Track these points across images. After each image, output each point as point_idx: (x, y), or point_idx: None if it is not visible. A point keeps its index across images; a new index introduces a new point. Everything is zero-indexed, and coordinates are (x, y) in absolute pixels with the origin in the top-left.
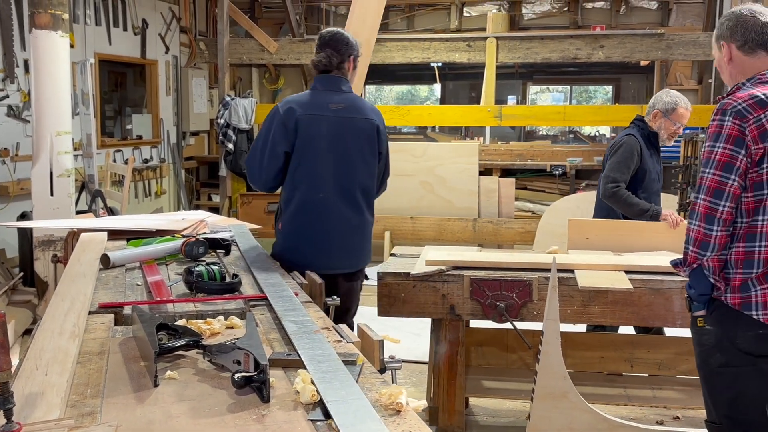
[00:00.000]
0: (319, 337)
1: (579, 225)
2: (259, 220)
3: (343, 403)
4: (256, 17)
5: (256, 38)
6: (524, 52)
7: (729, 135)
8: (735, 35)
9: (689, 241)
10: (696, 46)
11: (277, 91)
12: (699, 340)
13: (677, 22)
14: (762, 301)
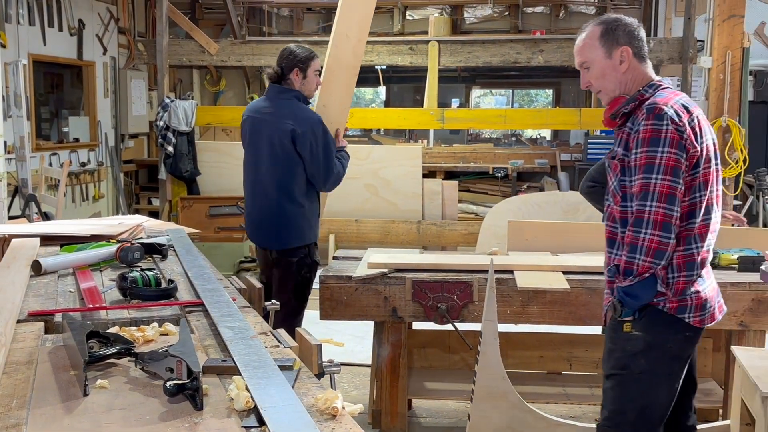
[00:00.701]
0: (255, 342)
1: (518, 226)
2: (200, 224)
3: (278, 410)
4: (196, 18)
5: (196, 39)
6: (466, 55)
7: (672, 139)
8: (633, 41)
9: (639, 250)
10: None
11: (218, 93)
12: (623, 346)
13: None
14: (695, 304)
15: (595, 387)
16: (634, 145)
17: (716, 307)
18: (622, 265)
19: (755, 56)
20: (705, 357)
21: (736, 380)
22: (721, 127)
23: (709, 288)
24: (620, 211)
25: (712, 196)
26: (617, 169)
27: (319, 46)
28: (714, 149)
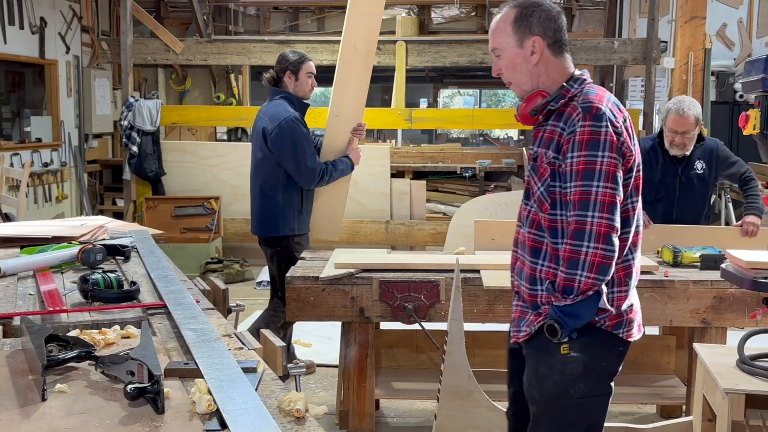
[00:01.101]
0: (218, 345)
1: (485, 226)
2: (166, 225)
3: (241, 413)
4: (161, 17)
5: (161, 38)
6: (433, 55)
7: (611, 143)
8: (548, 32)
9: (582, 266)
10: (597, 51)
11: (184, 92)
12: (561, 370)
13: (580, 27)
14: (629, 318)
15: None
16: (569, 148)
17: (640, 322)
18: (561, 283)
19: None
20: (668, 354)
21: (698, 377)
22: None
23: (636, 299)
24: (549, 220)
25: (636, 205)
26: (546, 173)
27: (286, 45)
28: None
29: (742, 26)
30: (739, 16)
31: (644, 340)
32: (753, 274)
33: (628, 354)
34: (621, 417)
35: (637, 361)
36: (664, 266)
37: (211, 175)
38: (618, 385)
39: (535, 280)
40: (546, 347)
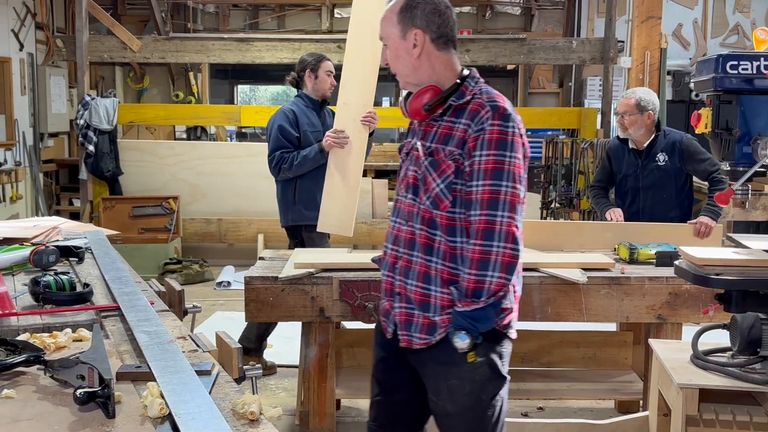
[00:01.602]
0: (172, 347)
1: None
2: (123, 225)
3: (193, 416)
4: (118, 14)
5: (118, 36)
6: None
7: (517, 143)
8: (431, 26)
9: (493, 267)
10: (556, 50)
11: (142, 90)
12: (471, 377)
13: (539, 27)
14: (514, 317)
15: (520, 382)
16: (476, 146)
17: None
18: (470, 286)
19: (673, 57)
20: (625, 350)
21: (654, 372)
22: None
23: (516, 304)
24: (447, 218)
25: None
26: (449, 170)
27: (245, 43)
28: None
29: (697, 26)
30: (695, 17)
31: (602, 336)
32: (705, 271)
33: (586, 350)
34: (579, 413)
35: (594, 357)
36: (620, 263)
37: (169, 175)
38: (576, 381)
39: (430, 279)
40: (452, 358)
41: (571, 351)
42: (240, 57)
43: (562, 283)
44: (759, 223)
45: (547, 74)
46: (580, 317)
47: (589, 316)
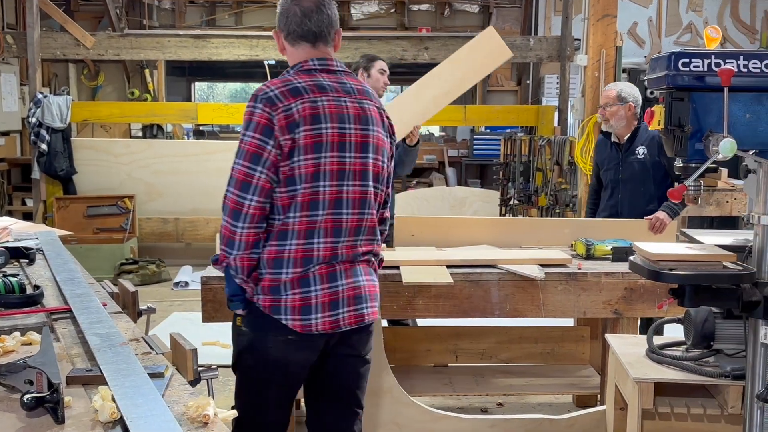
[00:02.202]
0: (125, 349)
1: (404, 222)
2: (78, 225)
3: (145, 420)
4: (71, 10)
5: (70, 32)
6: (352, 51)
7: (258, 123)
8: (281, 24)
9: (221, 238)
10: (514, 48)
11: (96, 88)
12: (236, 339)
13: (497, 25)
14: (291, 306)
15: (480, 378)
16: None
17: (340, 314)
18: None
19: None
20: (583, 345)
21: (610, 367)
22: (596, 123)
23: (320, 292)
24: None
25: (323, 191)
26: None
27: (202, 40)
28: (345, 140)
29: (652, 25)
30: (649, 15)
31: (560, 331)
32: (659, 266)
33: (544, 345)
34: (538, 408)
35: (553, 352)
36: (577, 259)
37: (125, 174)
38: (535, 377)
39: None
40: (233, 317)
41: (529, 347)
42: (196, 54)
43: (520, 279)
44: (713, 219)
45: (506, 72)
46: (538, 313)
47: (547, 312)
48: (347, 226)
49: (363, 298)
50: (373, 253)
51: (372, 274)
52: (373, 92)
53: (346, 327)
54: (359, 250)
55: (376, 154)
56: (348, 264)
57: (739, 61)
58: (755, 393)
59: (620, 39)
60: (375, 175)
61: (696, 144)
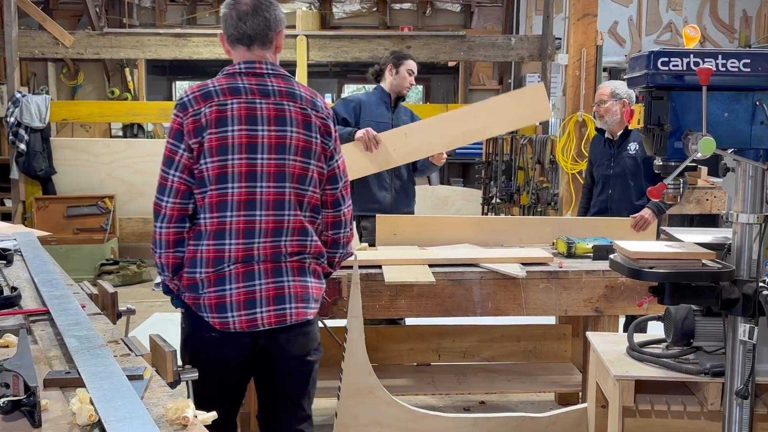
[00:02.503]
0: (103, 351)
1: (386, 221)
2: (58, 226)
3: (123, 422)
4: (50, 9)
5: (49, 31)
6: (335, 50)
7: (172, 128)
8: (222, 28)
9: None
10: (495, 47)
11: (76, 87)
12: (180, 332)
13: (479, 24)
14: (208, 304)
15: (462, 377)
16: None
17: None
18: None
19: (609, 54)
20: (565, 343)
21: (591, 365)
22: (577, 121)
23: (235, 291)
24: None
25: (231, 193)
26: None
27: (183, 39)
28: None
29: (633, 24)
30: (630, 14)
31: (541, 329)
32: (639, 265)
33: (526, 344)
34: (520, 406)
35: (535, 350)
36: (558, 257)
37: (105, 173)
38: (517, 375)
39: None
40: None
41: (511, 345)
42: (177, 53)
43: (502, 278)
44: (693, 216)
45: (487, 71)
46: (519, 311)
47: (528, 310)
48: (262, 228)
49: (286, 298)
50: (311, 255)
51: (306, 275)
52: (307, 95)
53: (265, 326)
54: (284, 251)
55: (296, 155)
56: (270, 264)
57: (717, 60)
58: (734, 390)
59: (601, 38)
60: (295, 176)
61: (675, 143)
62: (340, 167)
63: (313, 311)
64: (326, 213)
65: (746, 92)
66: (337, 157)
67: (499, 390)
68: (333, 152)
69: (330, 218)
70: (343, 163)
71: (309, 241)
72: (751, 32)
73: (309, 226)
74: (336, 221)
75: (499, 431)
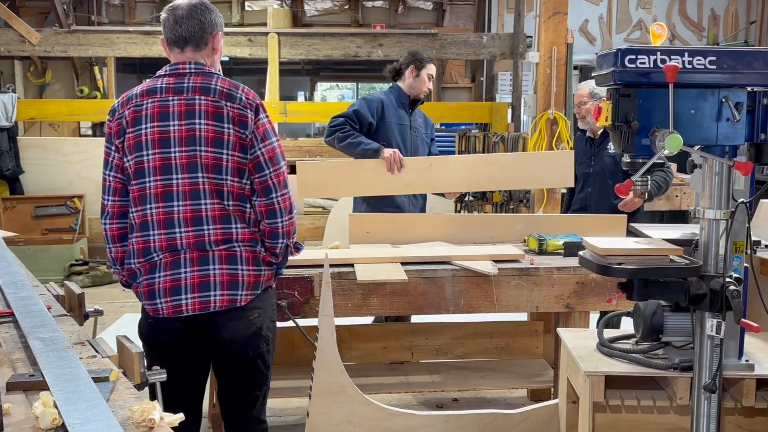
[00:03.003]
0: (69, 353)
1: (359, 219)
2: (25, 227)
3: (88, 426)
4: (17, 6)
5: (15, 28)
6: (306, 48)
7: (106, 132)
8: (163, 32)
9: None
10: (467, 45)
11: (44, 85)
12: None
13: (451, 22)
14: (143, 291)
15: (435, 374)
16: None
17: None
18: None
19: (579, 52)
20: (537, 339)
21: (562, 361)
22: (548, 119)
23: (163, 279)
24: None
25: (149, 186)
26: None
27: (152, 36)
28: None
29: (603, 22)
30: (600, 13)
31: (514, 326)
32: (607, 261)
33: (499, 340)
34: (493, 402)
35: (507, 347)
36: (530, 254)
37: (74, 173)
38: (490, 371)
39: None
40: None
41: (484, 342)
42: (146, 51)
43: (473, 275)
44: (663, 213)
45: (460, 69)
46: (492, 308)
47: (500, 307)
48: (180, 218)
49: (211, 285)
50: (242, 242)
51: (237, 263)
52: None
53: (189, 312)
54: (208, 239)
55: (207, 146)
56: (196, 253)
57: (684, 58)
58: (702, 384)
59: (571, 36)
60: (209, 166)
61: (643, 140)
62: (266, 155)
63: (244, 298)
64: (258, 201)
65: (712, 89)
66: (261, 145)
67: (472, 387)
68: (253, 141)
69: (263, 207)
70: (271, 150)
71: (235, 228)
72: (719, 30)
73: (234, 214)
74: (270, 210)
75: (471, 428)
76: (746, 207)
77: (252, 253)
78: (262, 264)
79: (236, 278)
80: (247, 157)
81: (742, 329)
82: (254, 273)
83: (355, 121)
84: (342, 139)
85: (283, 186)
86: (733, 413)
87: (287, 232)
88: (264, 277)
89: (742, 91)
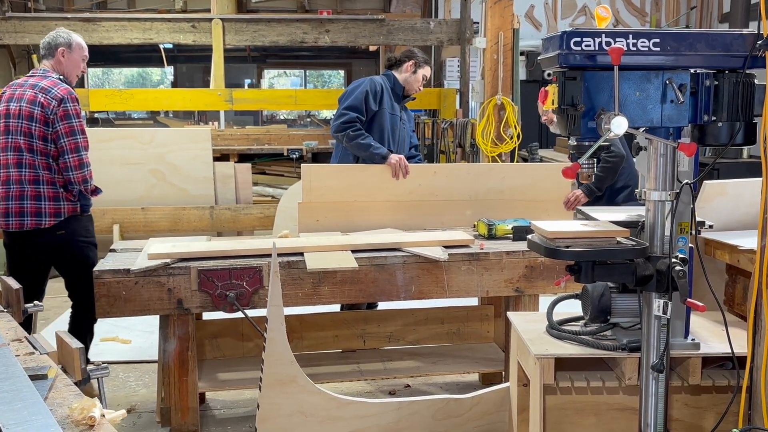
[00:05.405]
0: (4, 351)
1: (309, 207)
2: None
3: (24, 426)
4: None
5: None
6: (252, 34)
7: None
8: None
9: None
10: (414, 31)
11: None
12: None
13: (398, 8)
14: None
15: (387, 361)
16: None
17: (10, 221)
18: None
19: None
20: (487, 323)
21: (513, 344)
22: (496, 105)
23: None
24: None
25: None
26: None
27: (92, 23)
28: (10, 112)
29: (548, 8)
30: None
31: (465, 311)
32: (556, 244)
33: (450, 326)
34: (445, 387)
35: (458, 332)
36: (480, 239)
37: None
38: (442, 357)
39: None
40: None
41: (435, 327)
42: (86, 38)
43: (424, 261)
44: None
45: None
46: (442, 294)
47: (451, 293)
48: (10, 162)
49: (26, 213)
50: (46, 185)
51: (41, 200)
52: (40, 98)
53: (13, 229)
54: (26, 187)
55: (24, 120)
56: (18, 192)
57: (628, 40)
58: (650, 364)
59: (517, 21)
60: (24, 132)
61: (589, 122)
62: (62, 130)
63: (47, 223)
64: (60, 161)
65: (657, 71)
66: (60, 124)
67: (424, 373)
68: (55, 120)
69: (62, 164)
70: (68, 127)
71: (41, 181)
72: (662, 15)
73: (40, 164)
74: (64, 166)
75: (423, 414)
76: (690, 188)
77: (54, 193)
78: (62, 200)
79: (40, 209)
80: (49, 129)
81: (688, 309)
82: (54, 206)
83: (362, 112)
84: (352, 138)
85: (74, 151)
86: (680, 391)
87: (78, 180)
88: (65, 209)
89: (685, 73)
